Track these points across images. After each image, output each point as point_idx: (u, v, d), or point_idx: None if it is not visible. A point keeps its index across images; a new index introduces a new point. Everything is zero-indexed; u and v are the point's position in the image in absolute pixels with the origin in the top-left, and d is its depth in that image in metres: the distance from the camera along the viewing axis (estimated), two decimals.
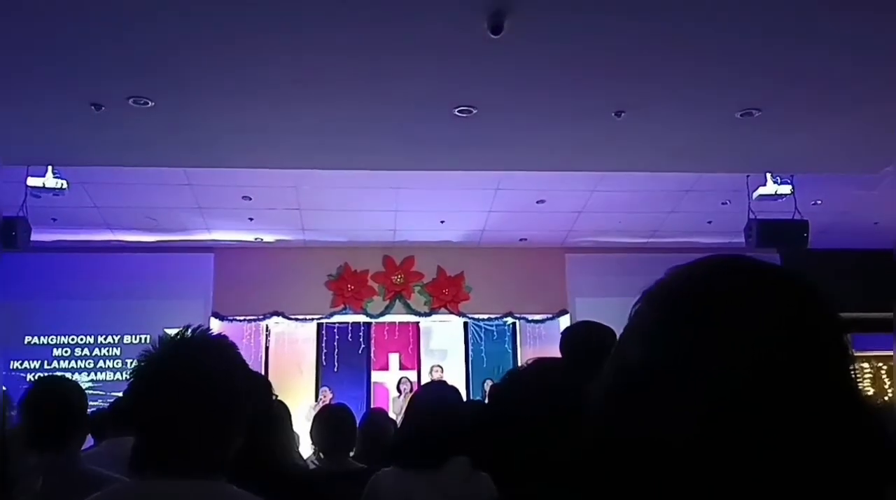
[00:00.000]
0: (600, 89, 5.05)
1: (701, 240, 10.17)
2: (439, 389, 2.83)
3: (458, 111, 5.33)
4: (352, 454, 3.82)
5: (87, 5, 3.94)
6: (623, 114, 5.43)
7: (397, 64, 4.71)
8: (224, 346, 1.58)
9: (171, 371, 1.42)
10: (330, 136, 5.89)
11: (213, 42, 4.40)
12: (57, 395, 2.43)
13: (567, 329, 2.87)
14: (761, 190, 7.32)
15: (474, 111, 5.33)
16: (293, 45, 4.47)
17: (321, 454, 3.87)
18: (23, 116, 5.27)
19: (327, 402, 9.40)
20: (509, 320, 10.96)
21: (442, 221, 9.56)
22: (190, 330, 1.56)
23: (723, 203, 8.84)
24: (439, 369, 10.41)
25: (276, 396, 2.72)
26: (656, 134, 5.80)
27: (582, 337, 2.72)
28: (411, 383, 10.31)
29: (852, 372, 0.70)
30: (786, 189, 7.20)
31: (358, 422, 4.22)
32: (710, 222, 9.60)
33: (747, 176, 7.62)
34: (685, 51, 4.54)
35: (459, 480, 2.36)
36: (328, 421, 3.70)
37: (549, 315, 10.74)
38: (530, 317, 10.83)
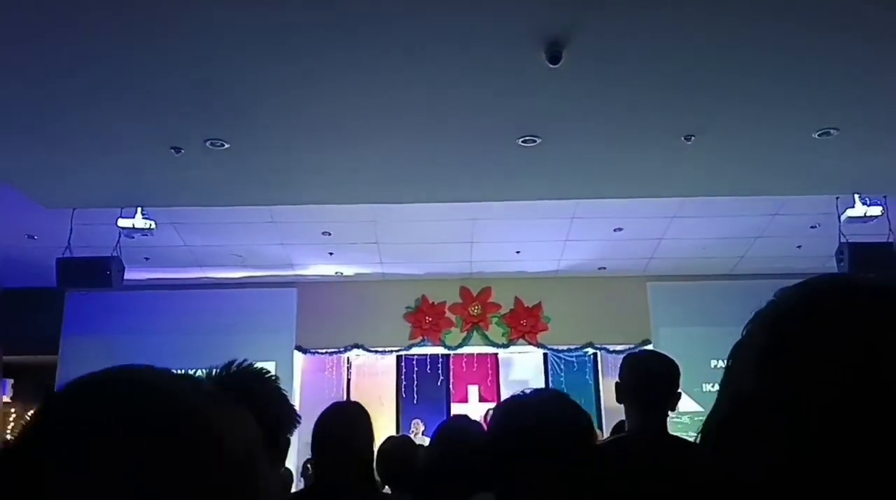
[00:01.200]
0: (666, 114, 4.96)
1: (791, 265, 9.74)
2: (463, 423, 2.78)
3: (522, 141, 5.34)
4: None
5: (161, 52, 4.18)
6: (693, 138, 5.31)
7: (460, 97, 4.77)
8: (265, 376, 1.68)
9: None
10: (401, 170, 6.01)
11: (284, 84, 4.58)
12: None
13: (624, 358, 2.82)
14: (850, 212, 6.96)
15: (538, 141, 5.33)
16: (363, 86, 4.61)
17: (386, 487, 3.88)
18: (107, 161, 5.61)
19: (419, 434, 9.43)
20: (590, 350, 10.76)
21: (518, 252, 9.52)
22: (235, 364, 1.67)
23: (812, 227, 8.47)
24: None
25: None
26: (728, 157, 5.64)
27: (633, 367, 2.65)
28: None
29: None
30: (876, 210, 6.82)
31: None
32: (799, 247, 9.20)
33: (836, 198, 7.28)
34: (753, 71, 4.42)
35: None
36: (388, 454, 3.71)
37: (631, 345, 10.45)
38: (611, 347, 10.58)
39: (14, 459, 0.60)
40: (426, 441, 6.65)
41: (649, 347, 10.27)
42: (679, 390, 2.54)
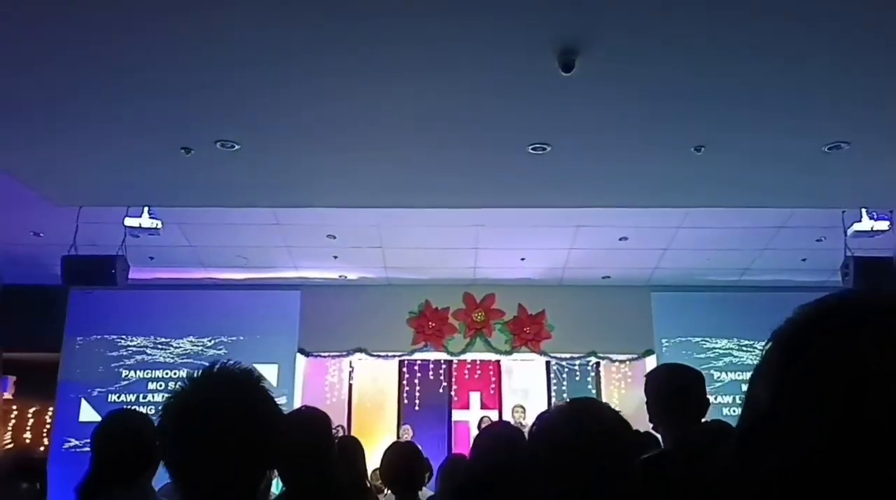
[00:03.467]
0: (677, 124, 4.97)
1: (795, 278, 9.75)
2: (503, 429, 2.76)
3: (532, 149, 5.35)
4: (422, 492, 3.80)
5: (175, 54, 4.19)
6: (703, 149, 5.32)
7: (471, 104, 4.79)
8: (245, 379, 1.51)
9: (194, 407, 1.42)
10: (409, 175, 6.01)
11: (296, 87, 4.59)
12: (129, 428, 2.42)
13: (650, 373, 2.82)
14: (857, 226, 6.96)
15: (548, 149, 5.33)
16: (374, 89, 4.62)
17: (387, 491, 3.88)
18: (118, 160, 5.62)
19: (409, 440, 9.39)
20: (592, 359, 10.74)
21: (522, 259, 9.51)
22: (216, 366, 1.54)
23: (817, 240, 8.46)
24: (521, 410, 10.24)
25: (338, 430, 2.73)
26: (738, 169, 5.64)
27: (666, 381, 2.67)
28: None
29: None
30: (883, 225, 6.82)
31: (440, 463, 4.20)
32: (804, 260, 9.20)
33: (843, 212, 7.28)
34: (766, 83, 4.43)
35: None
36: (394, 458, 3.70)
37: (634, 355, 10.46)
38: (614, 357, 10.58)
39: None
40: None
41: (652, 357, 10.28)
42: (704, 398, 2.59)
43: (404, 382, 10.96)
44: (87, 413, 9.90)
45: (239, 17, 3.83)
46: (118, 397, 10.04)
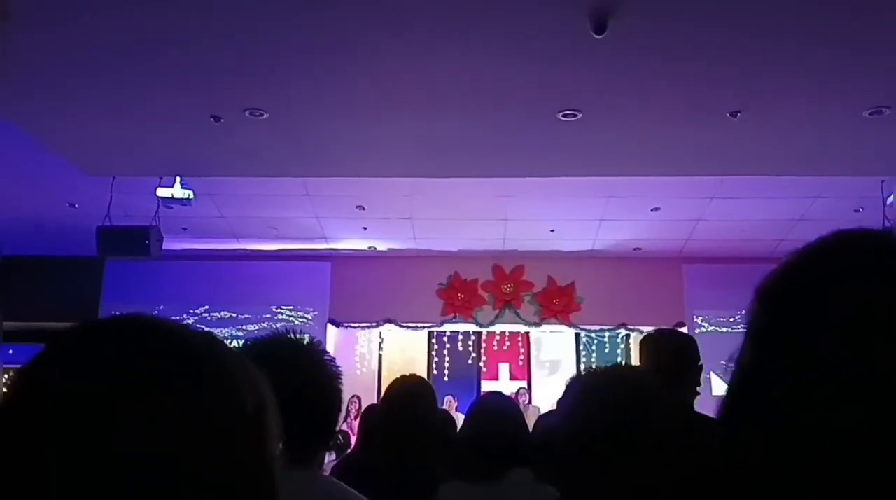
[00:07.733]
0: (712, 89, 4.85)
1: None
2: (498, 400, 2.79)
3: (563, 115, 5.26)
4: None
5: (205, 22, 4.17)
6: (739, 114, 5.19)
7: (501, 69, 4.70)
8: (311, 347, 1.60)
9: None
10: (438, 144, 5.96)
11: (325, 55, 4.55)
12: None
13: (647, 338, 2.83)
14: None
15: (579, 115, 5.25)
16: (403, 57, 4.56)
17: None
18: (147, 129, 5.64)
19: (452, 410, 9.43)
20: (622, 331, 10.68)
21: (552, 230, 9.45)
22: (282, 333, 1.59)
23: (855, 211, 8.27)
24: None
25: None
26: (776, 135, 5.51)
27: (661, 344, 2.69)
28: (529, 395, 10.19)
29: None
30: None
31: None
32: None
33: (882, 181, 7.10)
34: (804, 47, 4.30)
35: (522, 492, 2.29)
36: None
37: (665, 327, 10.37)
38: (645, 329, 10.48)
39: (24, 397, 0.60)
40: (460, 417, 6.66)
41: (683, 329, 10.17)
42: (700, 363, 2.63)
43: (433, 353, 11.01)
44: None
45: None
46: None
